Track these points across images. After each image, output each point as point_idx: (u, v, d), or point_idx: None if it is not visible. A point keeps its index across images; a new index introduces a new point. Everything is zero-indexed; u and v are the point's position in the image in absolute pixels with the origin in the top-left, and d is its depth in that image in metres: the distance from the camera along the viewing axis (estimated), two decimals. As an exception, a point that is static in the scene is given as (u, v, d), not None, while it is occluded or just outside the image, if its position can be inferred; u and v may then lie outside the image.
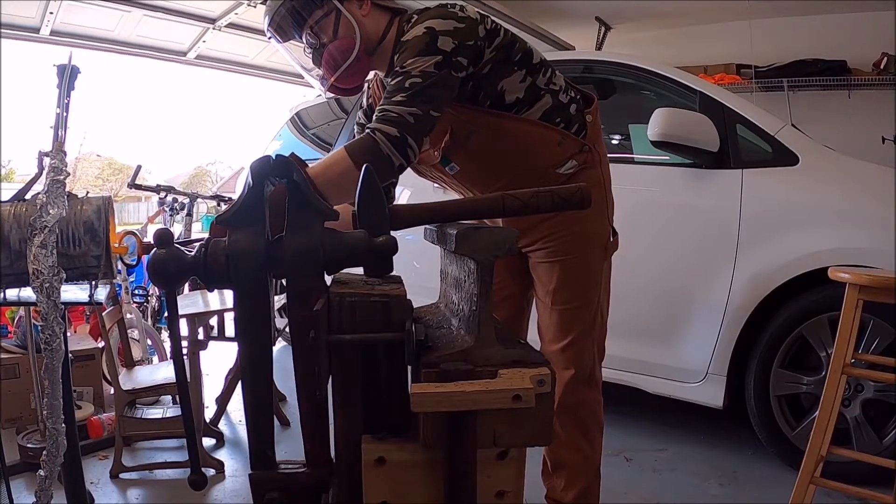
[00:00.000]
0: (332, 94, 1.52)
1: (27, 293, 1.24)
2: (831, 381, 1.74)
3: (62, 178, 1.13)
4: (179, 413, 2.29)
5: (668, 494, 2.17)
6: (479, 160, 1.47)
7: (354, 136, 1.65)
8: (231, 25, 4.93)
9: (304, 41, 1.45)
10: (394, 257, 0.86)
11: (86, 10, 4.39)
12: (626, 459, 2.44)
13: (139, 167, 4.50)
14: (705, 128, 2.36)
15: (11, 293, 1.39)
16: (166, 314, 1.83)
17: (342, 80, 1.45)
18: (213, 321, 3.11)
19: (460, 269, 0.90)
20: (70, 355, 1.57)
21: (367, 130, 1.26)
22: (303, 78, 1.56)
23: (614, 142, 2.86)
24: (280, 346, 4.04)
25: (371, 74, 1.56)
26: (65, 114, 1.20)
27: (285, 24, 1.43)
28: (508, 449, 0.83)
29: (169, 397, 2.82)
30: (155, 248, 0.83)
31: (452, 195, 1.60)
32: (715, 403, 2.40)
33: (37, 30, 4.50)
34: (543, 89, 1.44)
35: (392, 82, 1.29)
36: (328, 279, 0.88)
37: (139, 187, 4.17)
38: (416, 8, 1.43)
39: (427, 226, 1.01)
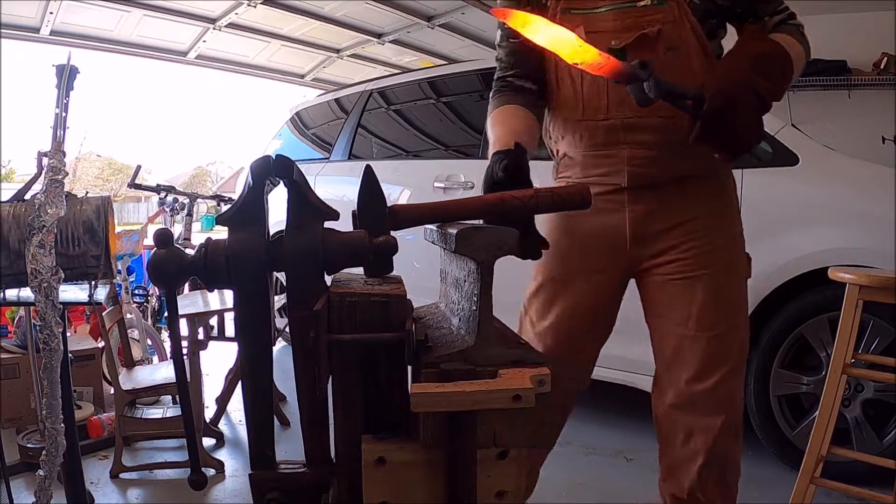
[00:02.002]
0: None
1: (27, 293, 1.24)
2: (831, 381, 1.74)
3: (60, 177, 1.13)
4: (179, 413, 2.29)
5: (668, 494, 2.17)
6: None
7: (503, 63, 1.32)
8: (231, 25, 4.94)
9: None
10: (394, 257, 0.86)
11: (86, 10, 4.40)
12: (626, 459, 2.43)
13: (139, 167, 4.51)
14: (705, 128, 2.35)
15: (11, 293, 1.39)
16: (166, 314, 1.83)
17: None
18: (213, 321, 3.12)
19: (460, 269, 0.90)
20: (70, 355, 1.57)
21: (791, 25, 1.24)
22: (303, 78, 1.54)
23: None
24: (280, 346, 4.04)
25: None
26: (64, 114, 1.20)
27: None
28: (508, 449, 0.83)
29: (169, 397, 2.83)
30: (155, 248, 0.83)
31: (454, 195, 1.58)
32: (715, 403, 2.40)
33: (37, 30, 4.52)
34: None
35: None
36: (328, 279, 0.88)
37: (139, 187, 4.18)
38: None
39: (427, 226, 1.01)
